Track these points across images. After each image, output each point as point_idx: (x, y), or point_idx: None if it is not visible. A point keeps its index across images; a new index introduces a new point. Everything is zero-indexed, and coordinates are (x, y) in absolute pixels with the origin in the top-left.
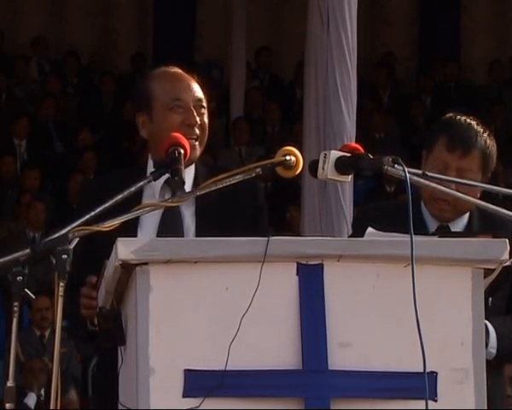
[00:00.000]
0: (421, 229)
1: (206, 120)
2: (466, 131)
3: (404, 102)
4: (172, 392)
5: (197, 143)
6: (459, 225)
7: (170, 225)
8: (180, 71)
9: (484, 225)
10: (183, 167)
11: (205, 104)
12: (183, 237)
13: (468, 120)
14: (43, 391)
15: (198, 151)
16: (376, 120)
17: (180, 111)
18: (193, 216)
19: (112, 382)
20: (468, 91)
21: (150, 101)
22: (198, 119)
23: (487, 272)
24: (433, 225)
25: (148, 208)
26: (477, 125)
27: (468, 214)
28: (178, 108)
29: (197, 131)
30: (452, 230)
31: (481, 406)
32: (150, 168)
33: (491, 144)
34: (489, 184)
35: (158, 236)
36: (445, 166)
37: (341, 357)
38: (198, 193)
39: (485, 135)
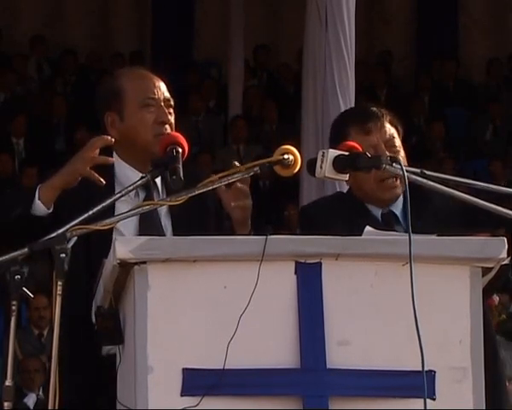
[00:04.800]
0: (368, 214)
1: (173, 120)
2: (367, 111)
3: (402, 100)
4: (171, 391)
5: None
6: (398, 207)
7: (150, 227)
8: (147, 71)
9: (416, 204)
10: (181, 166)
11: (172, 104)
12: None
13: (359, 105)
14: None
15: None
16: None
17: (152, 110)
18: (168, 216)
19: None
20: (466, 90)
21: (121, 99)
22: (169, 117)
23: (485, 271)
24: (377, 211)
25: (146, 207)
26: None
27: (401, 196)
28: (150, 107)
29: (168, 130)
30: (394, 211)
31: (479, 404)
32: (120, 169)
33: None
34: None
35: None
36: (374, 149)
37: (340, 355)
38: (196, 192)
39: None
